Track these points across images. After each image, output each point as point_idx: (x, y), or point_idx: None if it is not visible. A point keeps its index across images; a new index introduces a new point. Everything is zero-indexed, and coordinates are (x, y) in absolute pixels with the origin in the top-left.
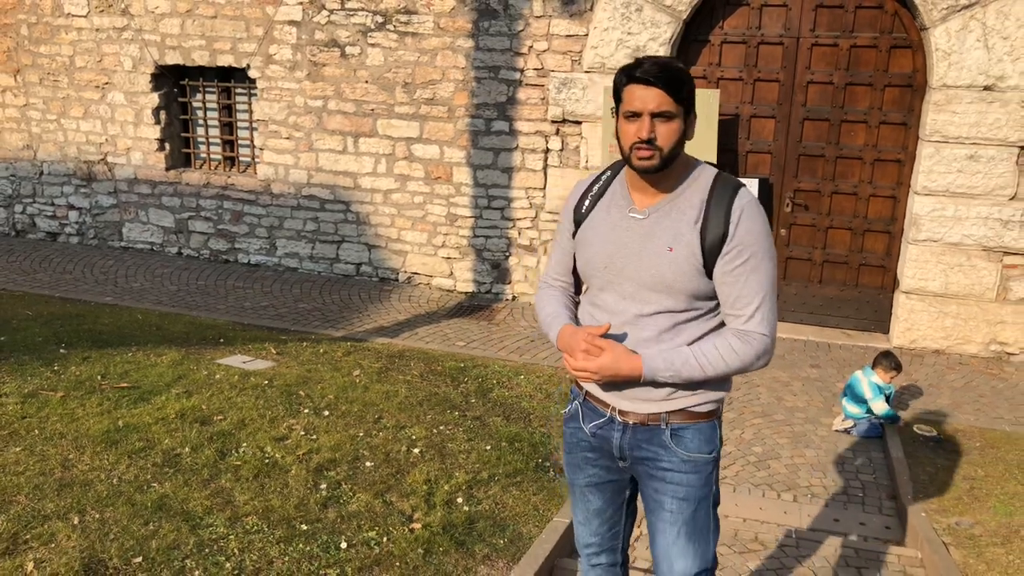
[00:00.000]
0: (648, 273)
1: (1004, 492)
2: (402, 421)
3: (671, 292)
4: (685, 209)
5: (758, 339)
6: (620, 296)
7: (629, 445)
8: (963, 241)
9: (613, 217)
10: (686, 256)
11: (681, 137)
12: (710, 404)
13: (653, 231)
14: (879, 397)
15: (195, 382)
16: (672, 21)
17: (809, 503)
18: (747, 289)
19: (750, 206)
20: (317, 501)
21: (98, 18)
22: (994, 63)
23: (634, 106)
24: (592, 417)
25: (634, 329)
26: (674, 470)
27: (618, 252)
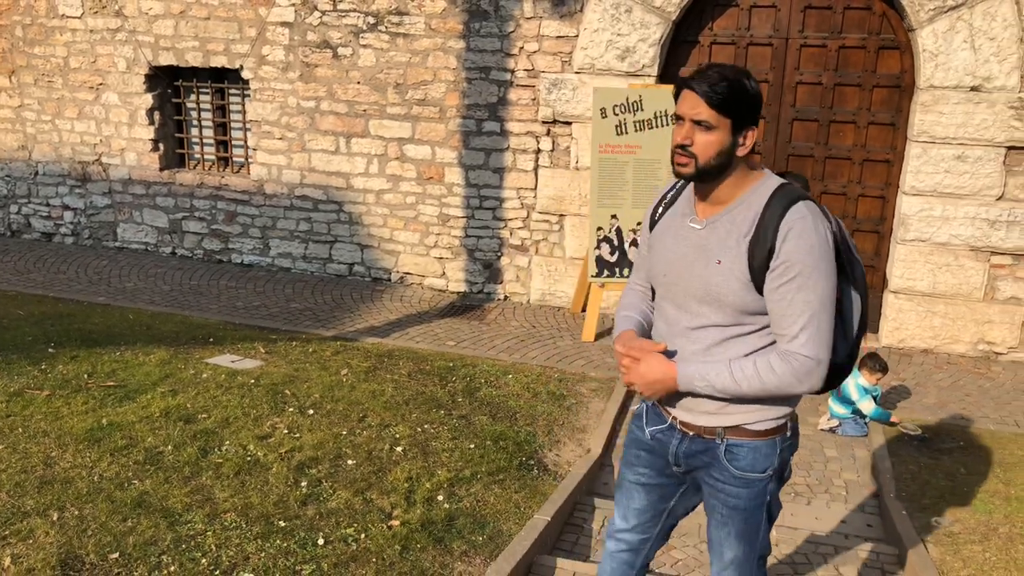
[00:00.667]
0: (697, 284)
1: (985, 490)
2: (387, 420)
3: (719, 305)
4: (739, 222)
5: (800, 361)
6: (675, 306)
7: (685, 454)
8: (951, 241)
9: (676, 226)
10: (732, 270)
11: (724, 150)
12: (769, 422)
13: (707, 242)
14: (866, 398)
15: (181, 381)
16: (662, 22)
17: (792, 501)
18: (792, 308)
19: (802, 222)
20: (297, 498)
21: (92, 19)
22: (981, 64)
23: (679, 109)
24: (655, 421)
25: (685, 342)
26: (726, 483)
27: (674, 261)
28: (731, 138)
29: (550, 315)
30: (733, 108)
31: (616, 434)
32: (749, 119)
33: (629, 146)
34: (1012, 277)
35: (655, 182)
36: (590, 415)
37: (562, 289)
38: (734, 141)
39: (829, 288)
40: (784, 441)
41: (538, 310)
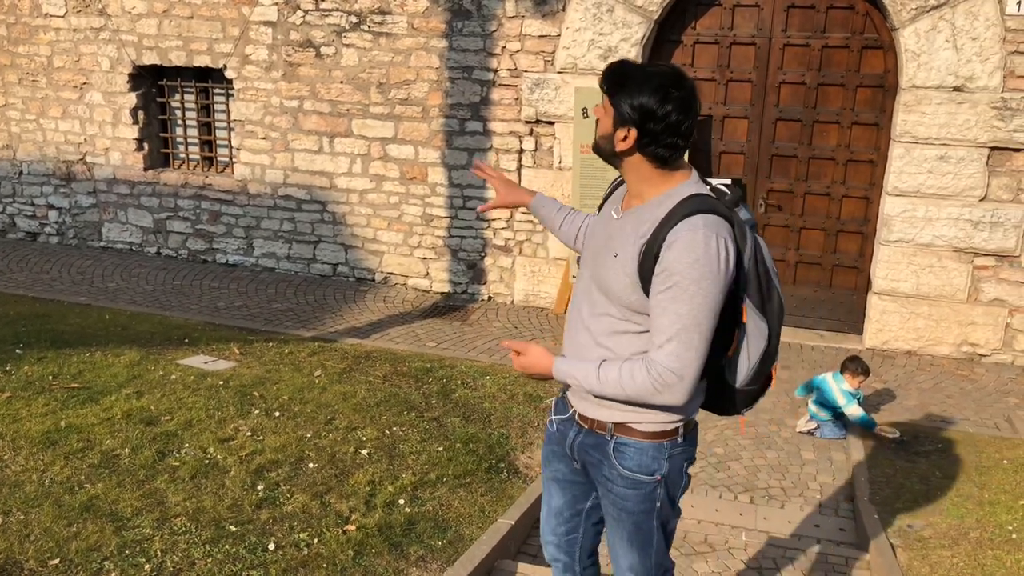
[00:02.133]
0: (597, 273)
1: (958, 494)
2: (355, 422)
3: (611, 298)
4: (643, 221)
5: (660, 372)
6: (583, 291)
7: (579, 447)
8: (934, 242)
9: (604, 217)
10: (624, 266)
11: (607, 136)
12: (656, 425)
13: (615, 234)
14: (852, 403)
15: (149, 383)
16: (643, 22)
17: (766, 505)
18: (664, 319)
19: (691, 234)
20: (251, 502)
21: (75, 18)
22: (963, 64)
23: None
24: (560, 410)
25: (581, 328)
26: (614, 483)
27: (591, 248)
28: (613, 128)
29: (533, 316)
30: (616, 102)
31: None
32: (632, 120)
33: None
34: (995, 278)
35: None
36: None
37: (545, 290)
38: (614, 133)
39: (707, 306)
40: (674, 447)
41: (521, 311)
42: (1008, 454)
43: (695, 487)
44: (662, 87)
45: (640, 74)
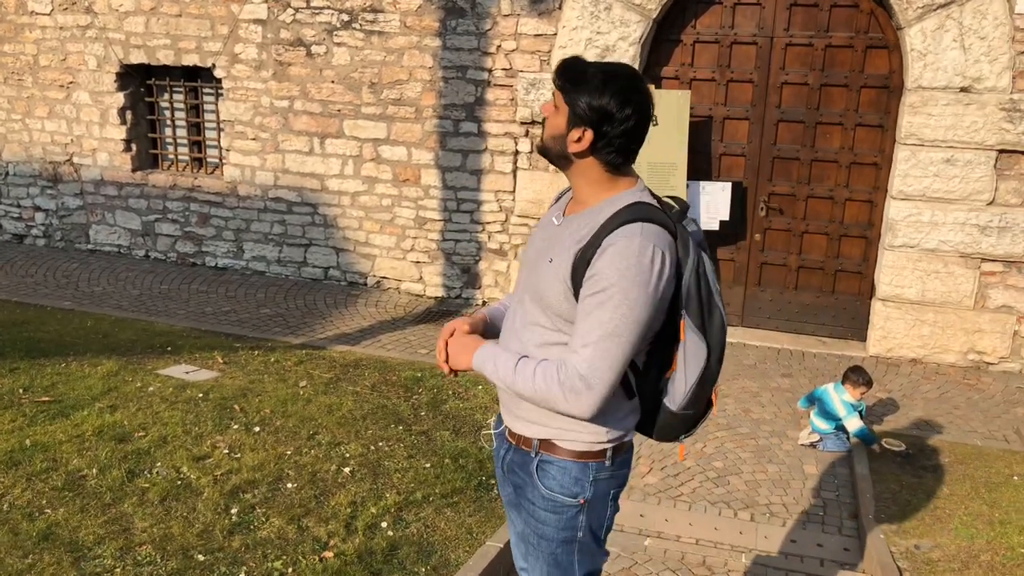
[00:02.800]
0: (532, 280)
1: (968, 513)
2: (339, 437)
3: (543, 306)
4: (582, 226)
5: (573, 376)
6: (519, 300)
7: (508, 466)
8: (940, 247)
9: (545, 221)
10: (558, 272)
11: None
12: (582, 444)
13: (554, 240)
14: (853, 415)
15: (124, 395)
16: (642, 20)
17: (767, 522)
18: (585, 323)
19: (626, 241)
20: (223, 527)
21: (62, 16)
22: (971, 64)
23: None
24: (496, 424)
25: (514, 338)
26: (535, 504)
27: (529, 255)
28: (567, 128)
29: None
30: (573, 98)
31: None
32: (589, 121)
33: None
34: (1003, 285)
35: None
36: None
37: None
38: (567, 133)
39: (631, 317)
40: (600, 470)
41: None
42: (1018, 469)
43: (693, 503)
44: (624, 89)
45: (600, 73)
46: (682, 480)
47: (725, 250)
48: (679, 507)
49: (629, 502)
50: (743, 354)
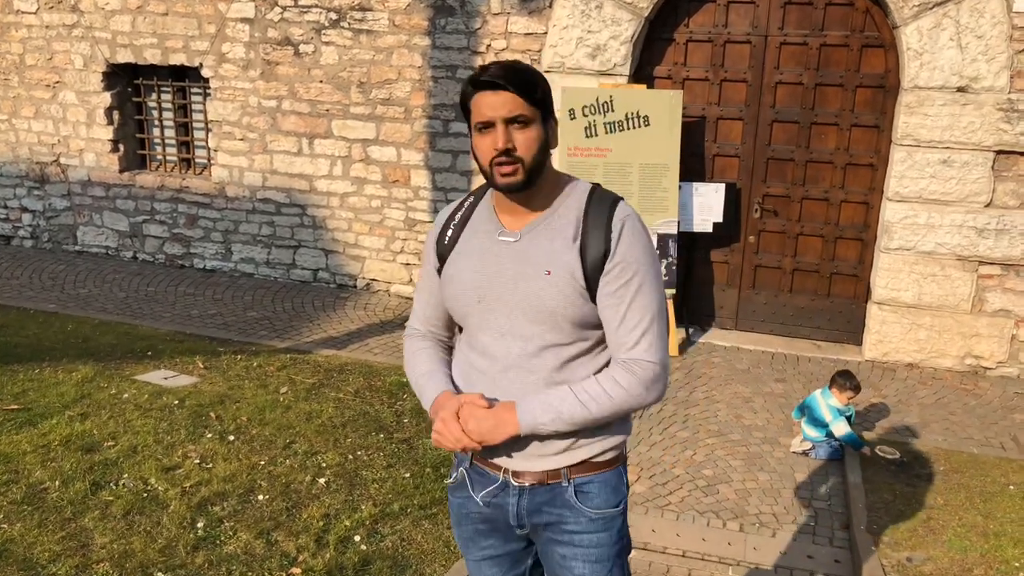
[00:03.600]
0: (527, 302)
1: (962, 524)
2: (316, 446)
3: (554, 322)
4: (561, 227)
5: (646, 367)
6: (499, 334)
7: (528, 511)
8: (937, 250)
9: (481, 244)
10: (566, 278)
11: (543, 145)
12: (614, 451)
13: (528, 254)
14: (839, 420)
15: (97, 403)
16: (634, 19)
17: (756, 533)
18: (632, 312)
19: (631, 220)
20: (188, 543)
21: (48, 15)
22: (968, 63)
23: (485, 115)
24: (483, 484)
25: (520, 374)
26: (583, 531)
27: (491, 282)
28: (544, 132)
29: None
30: (539, 97)
31: None
32: (551, 110)
33: (599, 149)
34: (1001, 288)
35: (626, 186)
36: None
37: None
38: (547, 133)
39: (661, 292)
40: (626, 468)
41: None
42: (1015, 478)
43: (681, 513)
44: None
45: (517, 63)
46: (671, 489)
47: (719, 252)
48: (667, 517)
49: None
50: (736, 358)
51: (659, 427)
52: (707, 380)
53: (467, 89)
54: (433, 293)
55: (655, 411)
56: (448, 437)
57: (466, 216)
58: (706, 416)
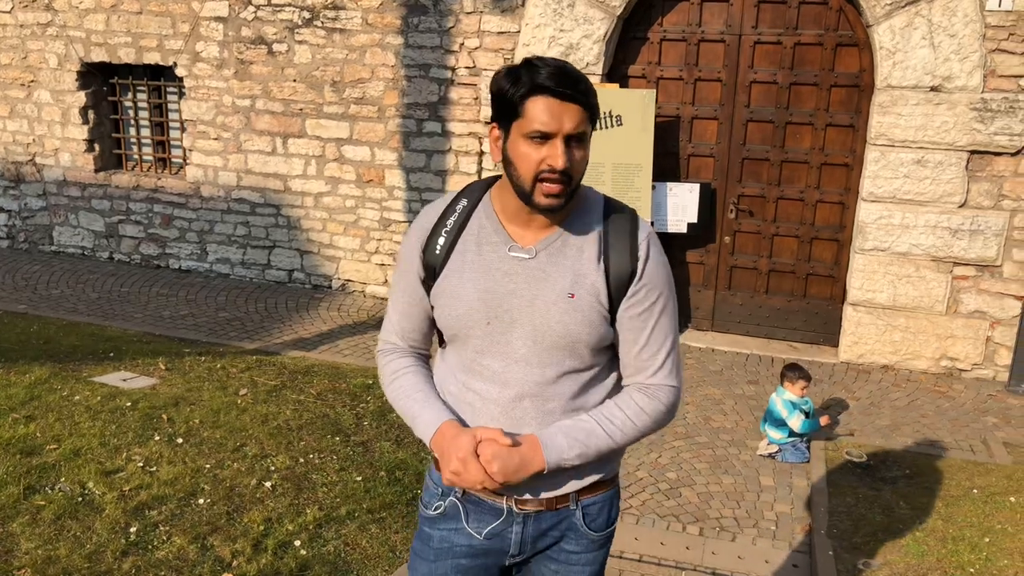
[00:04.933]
0: (548, 327)
1: (923, 528)
2: (267, 449)
3: (575, 348)
4: (582, 244)
5: (669, 393)
6: (510, 360)
7: (532, 538)
8: (911, 251)
9: (487, 258)
10: (591, 302)
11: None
12: (612, 472)
13: (547, 273)
14: (795, 414)
15: (47, 405)
16: (606, 17)
17: (716, 537)
18: (655, 336)
19: (654, 238)
20: (117, 548)
21: (22, 13)
22: (941, 62)
23: (547, 126)
24: (486, 518)
25: (536, 403)
26: (582, 551)
27: (503, 303)
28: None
29: None
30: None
31: None
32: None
33: None
34: (976, 289)
35: (599, 187)
36: None
37: None
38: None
39: (677, 313)
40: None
41: None
42: (979, 481)
43: (641, 516)
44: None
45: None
46: (632, 492)
47: (694, 253)
48: (626, 521)
49: None
50: (710, 360)
51: None
52: None
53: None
54: (415, 304)
55: None
56: (468, 479)
57: (461, 223)
58: (674, 418)
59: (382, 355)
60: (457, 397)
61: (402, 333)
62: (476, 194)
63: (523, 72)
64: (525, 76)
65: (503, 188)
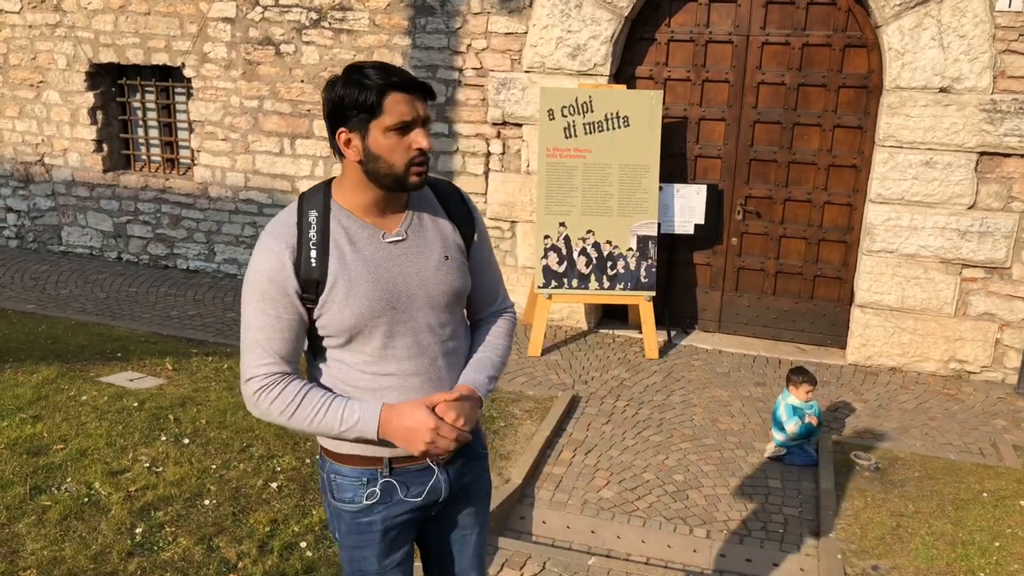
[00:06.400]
0: (440, 291)
1: (931, 532)
2: (274, 450)
3: (459, 300)
4: (433, 215)
5: (512, 309)
6: (419, 332)
7: (455, 480)
8: (919, 252)
9: (366, 252)
10: (459, 259)
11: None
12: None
13: (420, 247)
14: (793, 419)
15: (54, 405)
16: (614, 18)
17: (723, 540)
18: (496, 271)
19: (466, 193)
20: (123, 549)
21: (31, 14)
22: (950, 63)
23: (407, 115)
24: (413, 483)
25: (446, 358)
26: (483, 474)
27: (399, 284)
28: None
29: None
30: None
31: (544, 461)
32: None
33: (579, 150)
34: (985, 291)
35: (606, 188)
36: (518, 439)
37: (514, 299)
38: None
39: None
40: None
41: None
42: (989, 485)
43: (648, 519)
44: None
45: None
46: (639, 494)
47: (701, 254)
48: (633, 523)
49: (581, 517)
50: (717, 361)
51: (632, 431)
52: (685, 384)
53: (373, 89)
54: (291, 326)
55: (630, 415)
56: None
57: (323, 232)
58: (682, 420)
59: (268, 389)
60: (370, 388)
61: (282, 358)
62: (321, 202)
63: (368, 76)
64: (374, 79)
65: (345, 189)
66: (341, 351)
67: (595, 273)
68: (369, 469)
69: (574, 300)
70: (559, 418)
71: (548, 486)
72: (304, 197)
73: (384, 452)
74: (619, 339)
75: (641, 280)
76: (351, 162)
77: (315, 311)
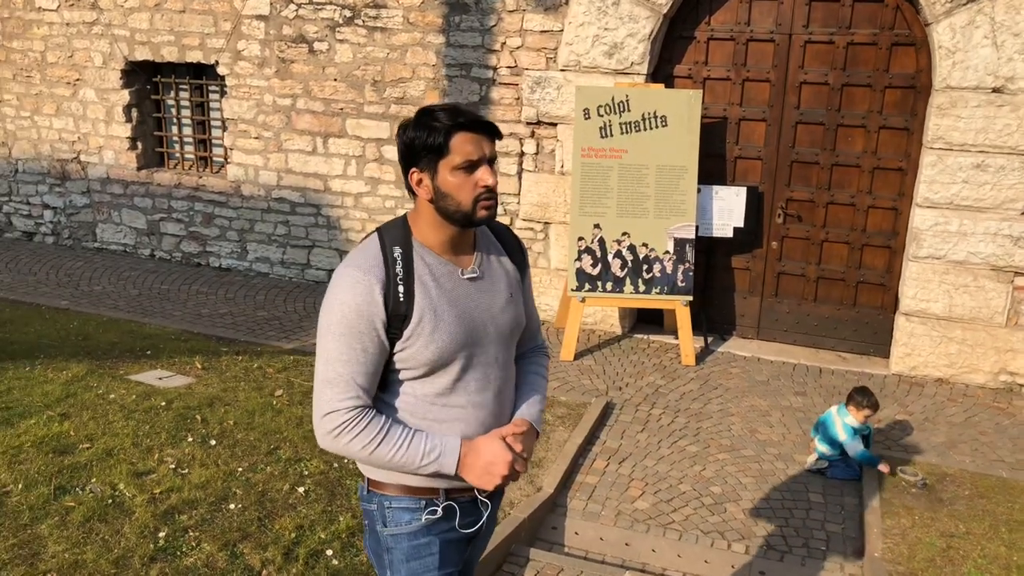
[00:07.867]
0: (507, 327)
1: (984, 554)
2: (302, 453)
3: (516, 338)
4: (498, 255)
5: (545, 345)
6: (489, 366)
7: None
8: (969, 259)
9: (447, 288)
10: (519, 296)
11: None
12: None
13: (492, 284)
14: (854, 439)
15: (82, 403)
16: (652, 16)
17: (763, 556)
18: (535, 311)
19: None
20: (145, 554)
21: (68, 12)
22: (1004, 62)
23: (473, 155)
24: (468, 513)
25: (508, 391)
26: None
27: (477, 320)
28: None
29: None
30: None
31: (577, 469)
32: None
33: (614, 150)
34: None
35: (642, 189)
36: (550, 446)
37: (547, 302)
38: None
39: None
40: None
41: None
42: None
43: (684, 532)
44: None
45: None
46: (675, 506)
47: (740, 259)
48: (669, 536)
49: (615, 529)
50: (756, 369)
51: (668, 440)
52: (723, 392)
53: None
54: (375, 360)
55: (665, 424)
56: (520, 470)
57: (407, 270)
58: (719, 430)
59: (351, 424)
60: (439, 419)
61: (364, 391)
62: (402, 238)
63: (437, 119)
64: (442, 121)
65: (421, 226)
66: (414, 383)
67: (630, 276)
68: (427, 497)
69: (608, 304)
70: (592, 425)
71: (581, 496)
72: (383, 232)
73: (441, 484)
74: (654, 344)
75: (678, 284)
76: (424, 201)
77: (398, 344)
